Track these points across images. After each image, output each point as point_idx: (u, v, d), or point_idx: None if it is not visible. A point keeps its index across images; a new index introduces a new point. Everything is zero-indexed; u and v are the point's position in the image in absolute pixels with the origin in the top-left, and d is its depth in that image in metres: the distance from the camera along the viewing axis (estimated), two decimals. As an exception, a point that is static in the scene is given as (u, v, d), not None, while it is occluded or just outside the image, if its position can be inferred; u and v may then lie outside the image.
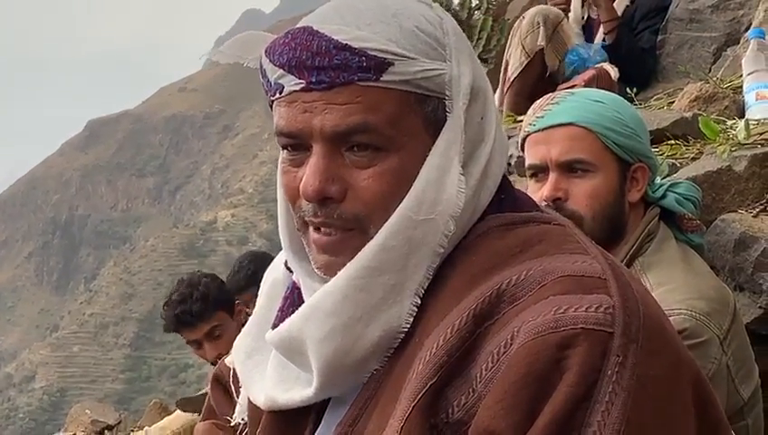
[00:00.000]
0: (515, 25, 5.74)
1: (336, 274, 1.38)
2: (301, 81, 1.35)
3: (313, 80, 1.34)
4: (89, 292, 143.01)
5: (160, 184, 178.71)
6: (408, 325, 1.36)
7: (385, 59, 1.33)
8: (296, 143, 1.39)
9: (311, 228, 1.42)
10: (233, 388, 3.24)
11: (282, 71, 1.37)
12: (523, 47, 5.59)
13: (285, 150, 1.42)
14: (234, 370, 1.73)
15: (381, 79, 1.33)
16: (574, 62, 5.62)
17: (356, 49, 1.33)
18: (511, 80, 5.71)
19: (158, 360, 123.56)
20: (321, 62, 1.33)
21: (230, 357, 3.48)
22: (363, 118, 1.33)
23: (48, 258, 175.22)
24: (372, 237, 1.36)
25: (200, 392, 5.85)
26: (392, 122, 1.34)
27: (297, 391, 1.45)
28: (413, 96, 1.36)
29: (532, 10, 5.65)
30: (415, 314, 1.36)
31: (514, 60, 5.67)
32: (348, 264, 1.37)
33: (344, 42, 1.33)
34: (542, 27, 5.49)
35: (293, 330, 1.41)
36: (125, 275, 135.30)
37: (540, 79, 5.54)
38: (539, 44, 5.52)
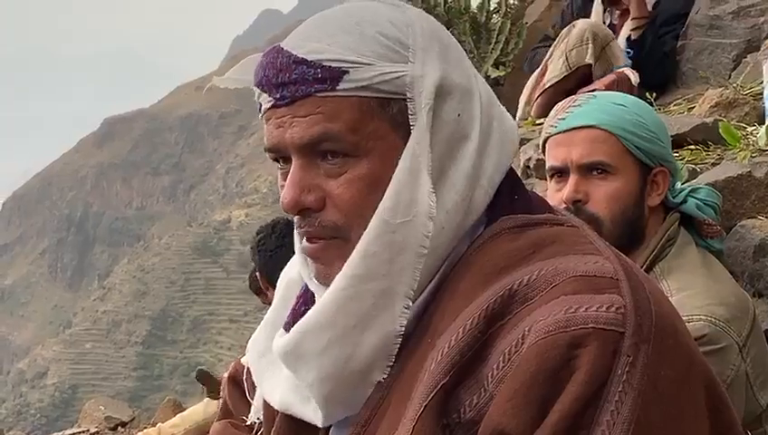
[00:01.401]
0: (563, 33, 5.72)
1: (330, 282, 1.40)
2: (270, 98, 1.40)
3: (278, 96, 1.39)
4: (102, 289, 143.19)
5: (175, 182, 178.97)
6: (403, 328, 1.37)
7: (339, 68, 1.36)
8: (281, 157, 1.43)
9: (304, 239, 1.45)
10: (247, 387, 3.24)
11: (258, 90, 1.43)
12: (567, 59, 5.57)
13: (278, 164, 1.46)
14: (248, 369, 1.73)
15: (338, 88, 1.36)
16: None
17: (311, 62, 1.36)
18: (545, 86, 5.70)
19: (170, 358, 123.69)
20: (283, 78, 1.38)
21: (245, 357, 3.50)
22: (324, 127, 1.36)
23: (62, 255, 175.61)
24: (355, 244, 1.38)
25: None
26: (353, 129, 1.36)
27: (312, 403, 1.46)
28: (374, 101, 1.37)
29: (583, 23, 5.62)
30: (407, 315, 1.38)
31: (554, 68, 5.65)
32: (337, 275, 1.38)
33: (301, 56, 1.37)
34: (591, 44, 5.47)
35: (292, 344, 1.43)
36: (138, 273, 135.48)
37: (574, 91, 5.51)
38: (586, 61, 5.49)
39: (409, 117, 1.38)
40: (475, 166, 1.41)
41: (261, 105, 1.43)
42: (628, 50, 5.80)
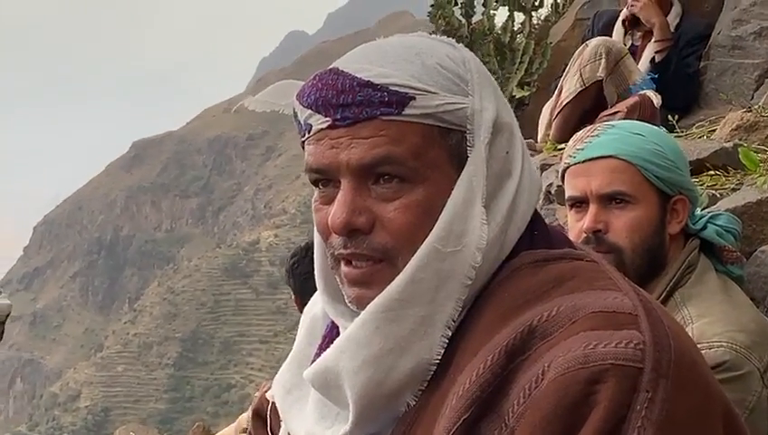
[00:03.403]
0: (577, 52, 5.72)
1: (365, 307, 1.40)
2: (327, 118, 1.39)
3: (338, 117, 1.38)
4: (133, 312, 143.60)
5: (204, 205, 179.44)
6: (440, 357, 1.38)
7: (406, 93, 1.36)
8: (325, 179, 1.43)
9: (342, 263, 1.45)
10: (270, 422, 3.27)
11: (310, 111, 1.42)
12: (581, 75, 5.56)
13: (317, 188, 1.46)
14: (273, 404, 1.75)
15: (403, 113, 1.36)
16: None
17: (378, 85, 1.36)
18: (562, 105, 5.70)
19: (201, 380, 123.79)
20: (346, 100, 1.37)
21: (270, 391, 3.52)
22: (387, 150, 1.36)
23: (93, 278, 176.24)
24: (400, 269, 1.38)
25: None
26: (415, 154, 1.37)
27: (338, 427, 1.46)
28: (435, 129, 1.38)
29: (597, 40, 5.62)
30: (446, 345, 1.38)
31: (569, 86, 5.64)
32: (378, 296, 1.39)
33: (366, 79, 1.37)
34: (603, 59, 5.46)
35: (329, 362, 1.43)
36: (169, 295, 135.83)
37: (591, 109, 5.51)
38: (598, 75, 5.47)
39: (467, 149, 1.41)
40: (513, 202, 1.44)
41: (309, 126, 1.43)
42: (652, 72, 5.81)
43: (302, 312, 4.79)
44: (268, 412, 3.40)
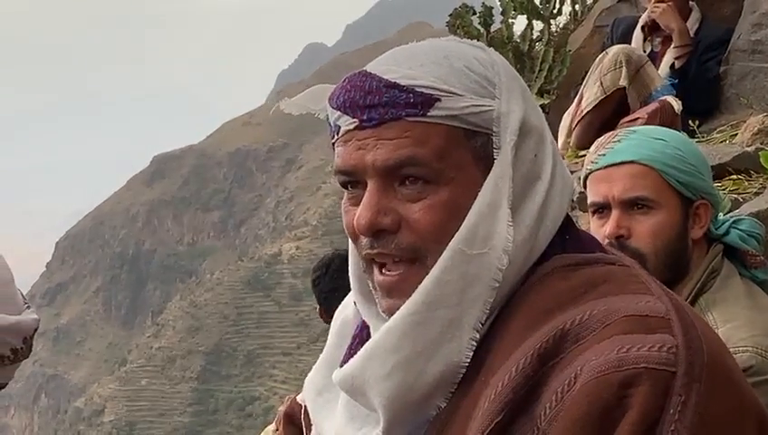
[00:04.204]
0: (597, 60, 5.72)
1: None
2: (354, 120, 1.40)
3: (365, 118, 1.39)
4: (156, 326, 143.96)
5: (225, 218, 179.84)
6: (469, 359, 1.38)
7: (432, 95, 1.37)
8: (353, 181, 1.43)
9: (375, 270, 1.45)
10: (304, 425, 3.28)
11: (339, 112, 1.43)
12: (602, 84, 5.56)
13: (345, 190, 1.46)
14: (305, 407, 1.75)
15: (429, 114, 1.37)
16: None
17: (404, 86, 1.37)
18: (583, 113, 5.69)
19: (225, 393, 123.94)
20: (372, 101, 1.38)
21: (301, 395, 3.54)
22: (412, 151, 1.36)
23: (116, 293, 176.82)
24: (429, 270, 1.38)
25: None
26: (440, 155, 1.37)
27: (368, 429, 1.47)
28: (461, 131, 1.39)
29: (616, 48, 5.62)
30: (474, 348, 1.38)
31: (590, 94, 5.64)
32: (406, 301, 1.39)
33: (393, 80, 1.38)
34: (624, 67, 5.45)
35: (356, 370, 1.43)
36: (191, 309, 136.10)
37: (612, 117, 5.50)
38: (620, 84, 5.46)
39: (494, 151, 1.41)
40: (543, 206, 1.43)
41: (337, 127, 1.44)
42: (672, 78, 5.80)
43: (327, 323, 4.84)
44: (301, 417, 3.41)
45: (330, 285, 4.66)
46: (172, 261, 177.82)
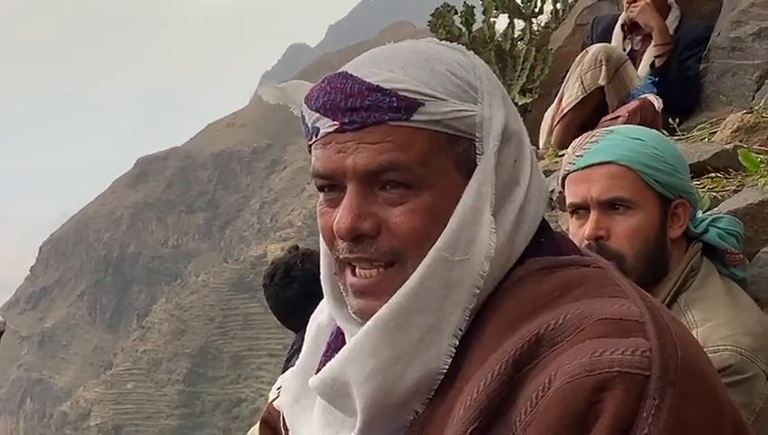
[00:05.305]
0: (577, 59, 5.72)
1: (370, 317, 1.39)
2: (334, 122, 1.38)
3: (346, 120, 1.37)
4: (141, 329, 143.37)
5: (210, 219, 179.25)
6: (447, 366, 1.37)
7: (415, 99, 1.36)
8: (332, 184, 1.42)
9: (348, 271, 1.44)
10: (282, 432, 3.26)
11: (318, 114, 1.41)
12: (582, 82, 5.55)
13: (322, 192, 1.45)
14: (283, 414, 1.74)
15: (412, 118, 1.36)
16: None
17: (387, 90, 1.36)
18: (564, 112, 5.69)
19: (212, 395, 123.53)
20: (354, 104, 1.37)
21: (279, 400, 3.51)
22: (394, 156, 1.35)
23: (101, 296, 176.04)
24: (410, 273, 1.37)
25: None
26: (422, 161, 1.36)
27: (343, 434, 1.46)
28: (443, 136, 1.38)
29: (596, 47, 5.62)
30: (453, 354, 1.37)
31: (570, 93, 5.64)
32: (385, 305, 1.37)
33: (376, 83, 1.37)
34: (604, 66, 5.45)
35: (335, 372, 1.42)
36: (177, 311, 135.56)
37: (593, 116, 5.50)
38: (599, 83, 5.46)
39: (476, 156, 1.40)
40: (521, 211, 1.43)
41: (316, 129, 1.42)
42: (652, 76, 5.80)
43: (287, 327, 4.80)
44: (280, 423, 3.39)
45: (272, 290, 4.70)
46: (157, 263, 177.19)
